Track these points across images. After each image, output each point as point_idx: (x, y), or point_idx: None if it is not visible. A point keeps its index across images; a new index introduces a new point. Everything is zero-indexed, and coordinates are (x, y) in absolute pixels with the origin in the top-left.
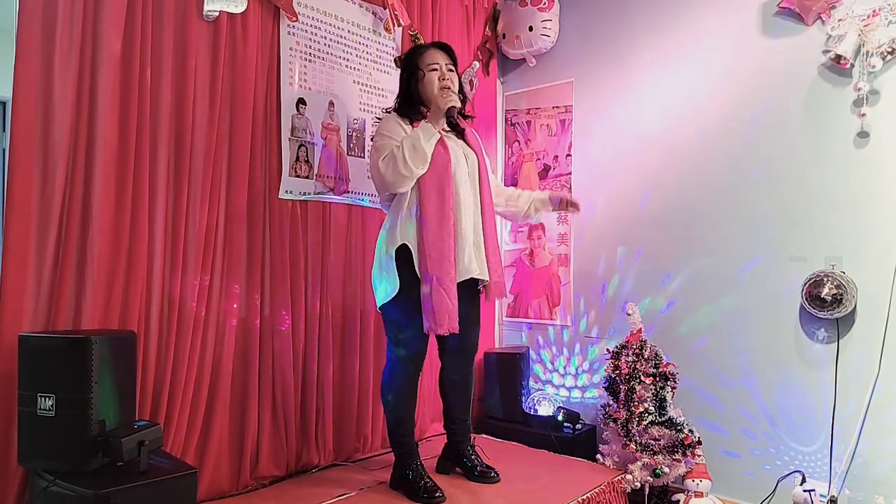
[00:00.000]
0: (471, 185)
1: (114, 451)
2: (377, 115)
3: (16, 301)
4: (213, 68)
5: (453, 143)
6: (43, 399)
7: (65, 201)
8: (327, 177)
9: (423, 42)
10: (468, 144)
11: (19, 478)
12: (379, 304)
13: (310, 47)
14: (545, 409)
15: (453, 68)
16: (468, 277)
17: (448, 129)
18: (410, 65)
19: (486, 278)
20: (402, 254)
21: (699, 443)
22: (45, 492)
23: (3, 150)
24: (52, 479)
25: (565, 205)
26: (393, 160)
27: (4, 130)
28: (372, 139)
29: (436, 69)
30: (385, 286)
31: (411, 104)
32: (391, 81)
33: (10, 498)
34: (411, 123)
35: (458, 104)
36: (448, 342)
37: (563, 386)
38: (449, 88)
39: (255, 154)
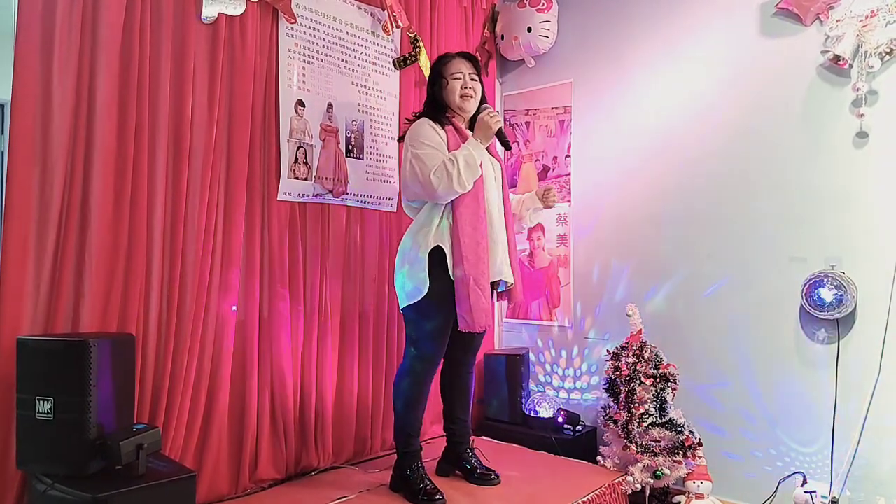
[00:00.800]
0: (497, 191)
1: (112, 455)
2: (419, 121)
3: (14, 304)
4: (212, 70)
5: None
6: (41, 402)
7: (63, 204)
8: (326, 178)
9: (421, 44)
10: (490, 152)
11: (18, 481)
12: (403, 306)
13: (308, 49)
14: (545, 411)
15: (476, 77)
16: (497, 279)
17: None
18: (435, 73)
19: (512, 281)
20: (436, 256)
21: (700, 444)
22: (44, 495)
23: (2, 152)
24: (51, 483)
25: (547, 194)
26: (447, 175)
27: (3, 133)
28: (400, 140)
29: (459, 78)
30: (414, 288)
31: (438, 109)
32: (390, 83)
33: (9, 501)
34: (443, 127)
35: (502, 123)
36: (459, 341)
37: (563, 388)
38: (471, 97)
39: (253, 156)
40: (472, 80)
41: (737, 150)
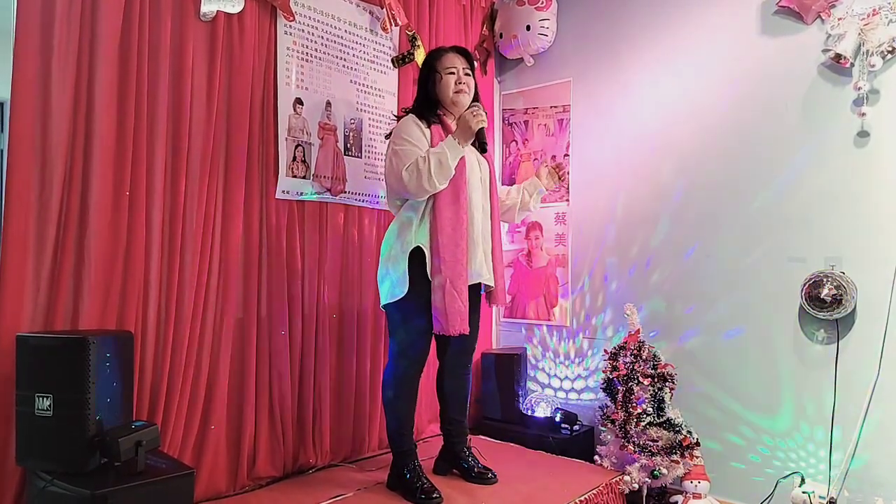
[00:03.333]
0: (482, 192)
1: (111, 452)
2: (405, 117)
3: (14, 301)
4: (210, 68)
5: (468, 149)
6: (41, 399)
7: (63, 202)
8: (324, 177)
9: (420, 42)
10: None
11: (17, 478)
12: (384, 303)
13: (307, 47)
14: (543, 410)
15: (470, 73)
16: (476, 282)
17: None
18: (428, 67)
19: (493, 284)
20: (416, 256)
21: (697, 444)
22: (43, 492)
23: (2, 150)
24: (50, 479)
25: (554, 174)
26: (418, 173)
27: (3, 131)
28: (388, 137)
29: (453, 73)
30: (393, 286)
31: (429, 105)
32: (388, 81)
33: (9, 498)
34: (429, 126)
35: (486, 124)
36: (449, 343)
37: (561, 388)
38: (465, 93)
39: (252, 154)
40: (467, 75)
41: (736, 149)
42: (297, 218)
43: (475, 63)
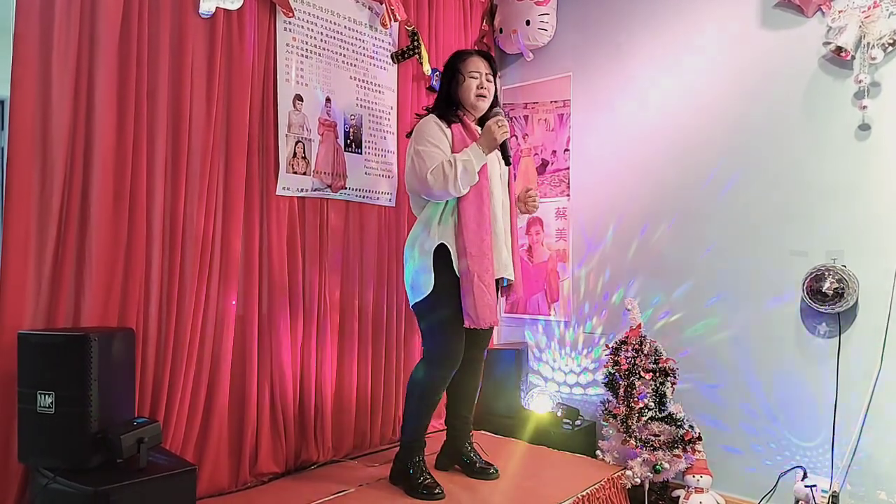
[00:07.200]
0: (502, 188)
1: (113, 448)
2: (426, 117)
3: (15, 299)
4: (210, 65)
5: None
6: (42, 396)
7: (64, 199)
8: (324, 173)
9: (419, 38)
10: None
11: (20, 475)
12: (413, 303)
13: (306, 43)
14: (544, 405)
15: (492, 78)
16: (501, 276)
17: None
18: (452, 68)
19: (513, 278)
20: (440, 253)
21: (699, 438)
22: (45, 489)
23: (2, 148)
24: (52, 477)
25: (528, 198)
26: (443, 177)
27: (3, 129)
28: (409, 136)
29: (476, 77)
30: (419, 284)
31: (449, 105)
32: (388, 77)
33: (11, 495)
34: (449, 126)
35: (510, 135)
36: (468, 337)
37: (565, 383)
38: (486, 97)
39: (251, 151)
40: (488, 80)
41: (737, 143)
42: (298, 214)
43: (496, 68)
